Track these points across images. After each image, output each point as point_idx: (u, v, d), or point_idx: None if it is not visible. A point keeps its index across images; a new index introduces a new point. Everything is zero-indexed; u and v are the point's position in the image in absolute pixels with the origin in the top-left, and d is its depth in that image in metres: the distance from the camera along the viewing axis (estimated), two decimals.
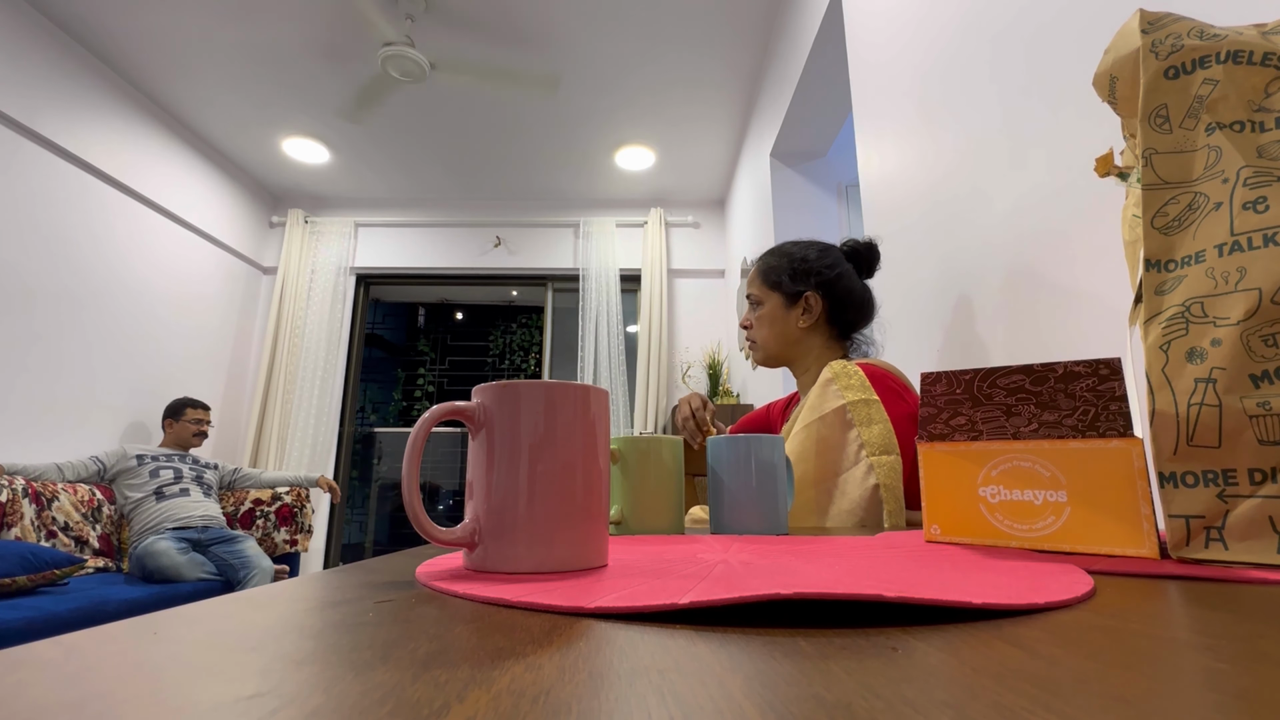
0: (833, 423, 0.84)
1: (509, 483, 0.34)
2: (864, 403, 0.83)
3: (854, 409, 0.83)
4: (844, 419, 0.83)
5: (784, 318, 1.11)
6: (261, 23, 2.71)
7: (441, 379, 6.10)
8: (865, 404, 0.83)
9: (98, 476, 2.68)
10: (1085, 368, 0.41)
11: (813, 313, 1.09)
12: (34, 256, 2.69)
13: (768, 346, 1.13)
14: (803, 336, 1.11)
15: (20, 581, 1.92)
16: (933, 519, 0.47)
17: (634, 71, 3.01)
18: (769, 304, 1.12)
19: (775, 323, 1.12)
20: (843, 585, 0.25)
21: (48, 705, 0.14)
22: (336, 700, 0.14)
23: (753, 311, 1.15)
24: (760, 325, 1.13)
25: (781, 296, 1.11)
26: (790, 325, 1.11)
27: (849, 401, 0.83)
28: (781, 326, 1.11)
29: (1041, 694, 0.14)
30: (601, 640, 0.20)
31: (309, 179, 4.02)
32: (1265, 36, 0.40)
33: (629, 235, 4.18)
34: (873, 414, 0.82)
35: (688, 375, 4.01)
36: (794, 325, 1.10)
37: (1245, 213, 0.36)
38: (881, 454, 0.80)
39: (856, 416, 0.82)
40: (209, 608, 0.25)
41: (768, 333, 1.12)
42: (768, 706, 0.13)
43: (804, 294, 1.10)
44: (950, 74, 1.22)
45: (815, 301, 1.09)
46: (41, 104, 2.70)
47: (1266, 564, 0.33)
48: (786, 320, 1.11)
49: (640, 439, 0.61)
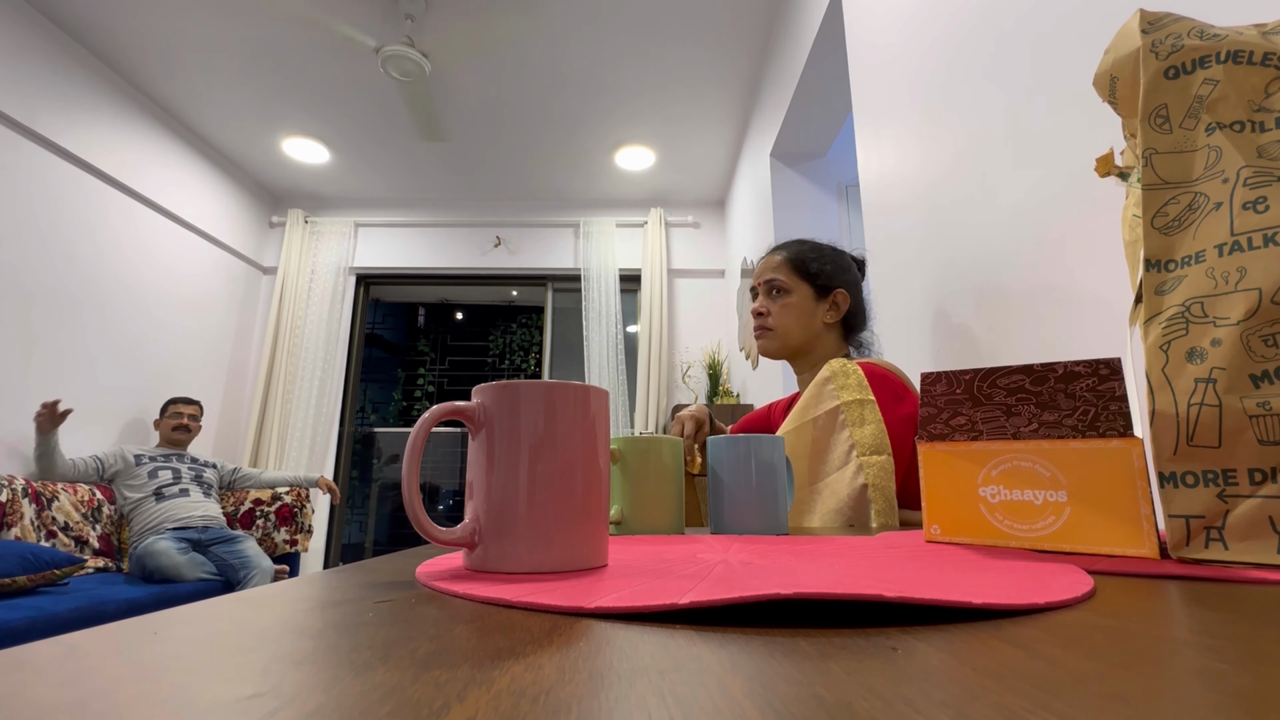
0: (825, 425, 0.84)
1: (509, 483, 0.34)
2: (858, 403, 0.83)
3: (848, 409, 0.83)
4: (836, 420, 0.83)
5: (812, 310, 1.11)
6: (261, 23, 2.71)
7: (441, 379, 6.10)
8: (860, 404, 0.83)
9: (97, 475, 2.70)
10: (1085, 368, 0.41)
11: (839, 310, 1.11)
12: (34, 257, 2.69)
13: (789, 335, 1.11)
14: (822, 331, 1.11)
15: (20, 581, 1.92)
16: (933, 519, 0.47)
17: (634, 71, 3.01)
18: (798, 294, 1.11)
19: (803, 314, 1.11)
20: (843, 585, 0.25)
21: (48, 705, 0.14)
22: (336, 700, 0.14)
23: (772, 299, 1.13)
24: (785, 313, 1.11)
25: (813, 289, 1.11)
26: (816, 318, 1.11)
27: (843, 402, 0.83)
28: (808, 319, 1.11)
29: (1041, 694, 0.14)
30: (601, 640, 0.20)
31: (309, 179, 4.02)
32: (1265, 36, 0.40)
33: (629, 235, 4.18)
34: (866, 414, 0.82)
35: (688, 375, 4.00)
36: (819, 319, 1.11)
37: (1245, 213, 0.36)
38: (872, 454, 0.80)
39: (849, 417, 0.83)
40: (209, 608, 0.25)
41: (792, 322, 1.11)
42: (768, 706, 0.13)
43: (835, 290, 1.11)
44: (950, 74, 1.22)
45: (844, 300, 1.11)
46: (41, 104, 2.70)
47: (1266, 564, 0.33)
48: (815, 312, 1.11)
49: (640, 439, 0.61)
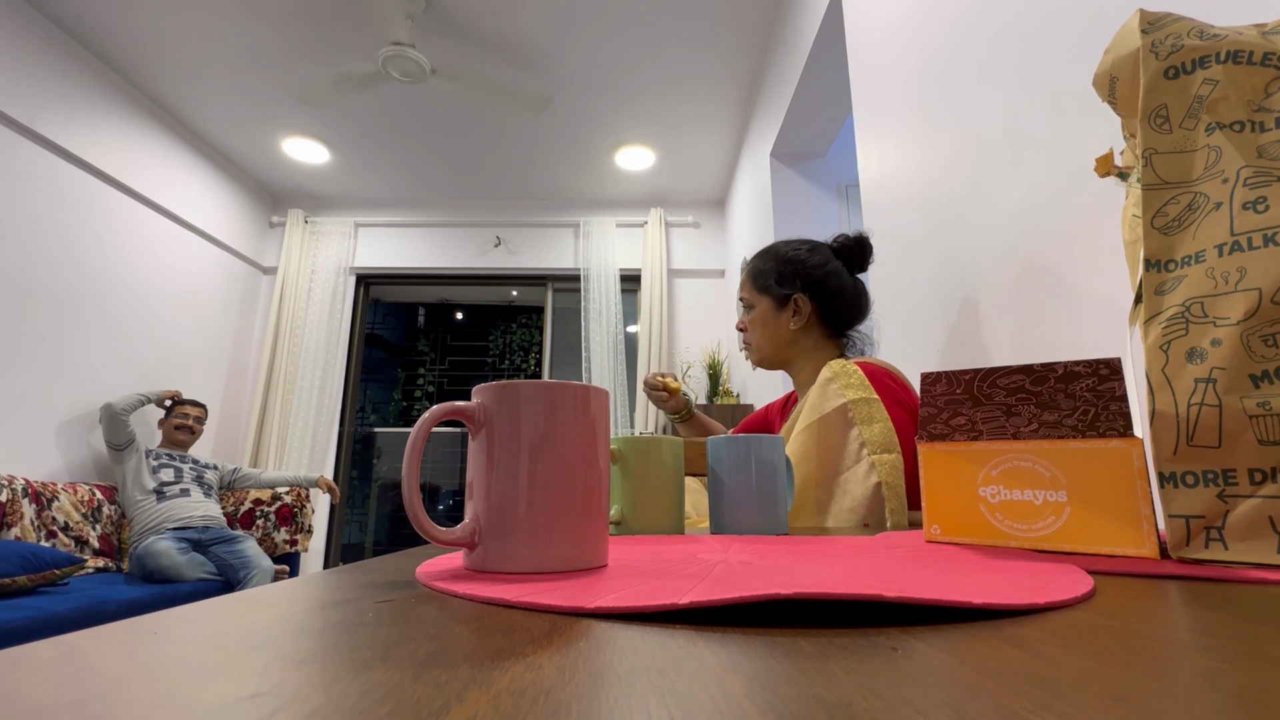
0: (834, 422, 0.83)
1: (509, 483, 0.34)
2: (864, 401, 0.83)
3: (855, 407, 0.82)
4: (845, 418, 0.83)
5: (775, 321, 1.11)
6: (262, 22, 2.71)
7: (441, 379, 6.10)
8: (866, 402, 0.83)
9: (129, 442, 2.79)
10: (1085, 368, 0.41)
11: (803, 314, 1.09)
12: (34, 257, 2.69)
13: (762, 350, 1.13)
14: (795, 338, 1.10)
15: (20, 581, 1.92)
16: (933, 519, 0.47)
17: (634, 71, 3.01)
18: (760, 307, 1.12)
19: (767, 326, 1.12)
20: (843, 585, 0.25)
21: (48, 705, 0.14)
22: (336, 700, 0.14)
23: (746, 315, 1.15)
24: (753, 329, 1.13)
25: (771, 300, 1.11)
26: (782, 328, 1.10)
27: (850, 400, 0.83)
28: (774, 330, 1.11)
29: (1041, 694, 0.14)
30: (601, 640, 0.20)
31: (309, 179, 4.02)
32: (1265, 36, 0.40)
33: (629, 235, 4.18)
34: (873, 412, 0.82)
35: (688, 375, 4.00)
36: (785, 328, 1.10)
37: (1245, 213, 0.36)
38: (883, 452, 0.80)
39: (857, 415, 0.82)
40: (209, 608, 0.25)
41: (760, 336, 1.12)
42: (768, 706, 0.13)
43: (792, 296, 1.09)
44: (950, 74, 1.22)
45: (804, 303, 1.09)
46: (41, 104, 2.70)
47: (1266, 564, 0.33)
48: (778, 323, 1.11)
49: (640, 439, 0.61)
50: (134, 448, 2.80)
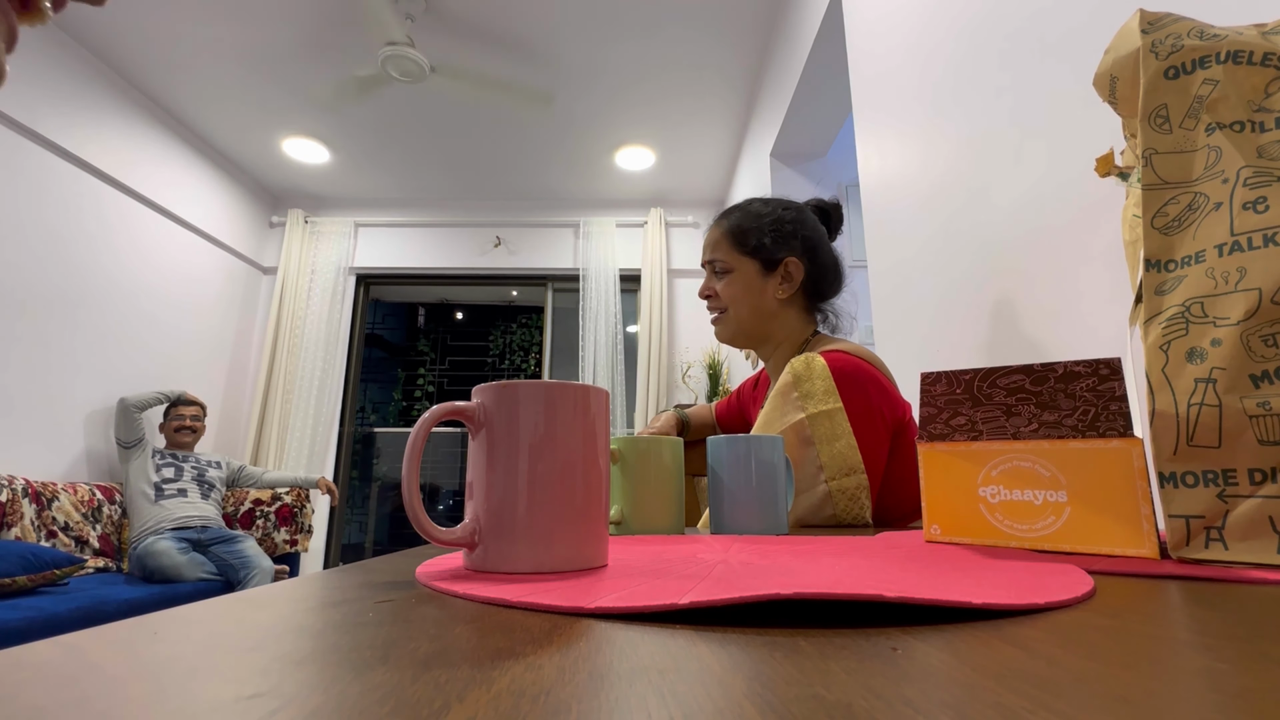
0: (789, 441, 0.76)
1: (509, 483, 0.34)
2: (825, 415, 0.75)
3: (814, 423, 0.75)
4: (802, 435, 0.75)
5: (760, 288, 0.95)
6: (262, 23, 2.71)
7: (441, 379, 6.10)
8: (828, 416, 0.75)
9: (139, 436, 2.83)
10: (1085, 368, 0.41)
11: (793, 282, 0.95)
12: (34, 257, 2.69)
13: (741, 322, 0.96)
14: (779, 309, 0.96)
15: (20, 581, 1.93)
16: (933, 519, 0.47)
17: (634, 71, 3.01)
18: (741, 271, 0.96)
19: (751, 293, 0.95)
20: (843, 585, 0.25)
21: (48, 705, 0.14)
22: (336, 700, 0.14)
23: (716, 279, 0.98)
24: (731, 296, 0.96)
25: (758, 263, 0.95)
26: (767, 297, 0.95)
27: (809, 414, 0.75)
28: (757, 299, 0.95)
29: (1041, 694, 0.14)
30: (601, 640, 0.20)
31: (309, 179, 4.02)
32: (1265, 36, 0.40)
33: (629, 235, 4.18)
34: (836, 428, 0.75)
35: (688, 375, 4.01)
36: (771, 296, 0.95)
37: (1245, 213, 0.36)
38: (843, 476, 0.74)
39: (817, 433, 0.75)
40: (209, 608, 0.25)
41: (743, 305, 0.96)
42: (768, 706, 0.13)
43: (784, 260, 0.94)
44: (950, 73, 1.22)
45: (797, 269, 0.95)
46: (41, 104, 2.70)
47: (1266, 564, 0.33)
48: (764, 291, 0.95)
49: (640, 439, 0.61)
50: (142, 446, 2.83)
